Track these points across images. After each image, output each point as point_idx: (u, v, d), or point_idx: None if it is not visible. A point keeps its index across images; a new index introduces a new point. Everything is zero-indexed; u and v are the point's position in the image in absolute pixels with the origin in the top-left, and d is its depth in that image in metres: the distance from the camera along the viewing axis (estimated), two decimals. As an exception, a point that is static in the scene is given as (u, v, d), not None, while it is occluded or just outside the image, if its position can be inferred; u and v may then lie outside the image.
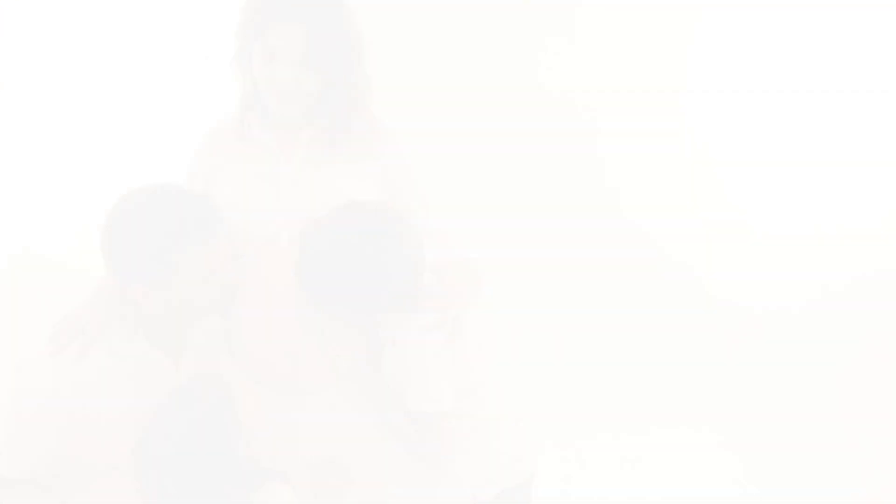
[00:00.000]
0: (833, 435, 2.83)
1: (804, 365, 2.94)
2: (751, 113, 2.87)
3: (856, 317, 2.92)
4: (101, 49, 2.81)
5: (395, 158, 1.51)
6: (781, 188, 2.90)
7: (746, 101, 2.85)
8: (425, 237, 1.46)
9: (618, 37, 2.83)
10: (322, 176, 1.44)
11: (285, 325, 1.37)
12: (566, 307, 2.99)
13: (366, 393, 1.40)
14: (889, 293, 2.92)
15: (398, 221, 1.31)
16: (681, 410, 2.90)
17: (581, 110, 2.88)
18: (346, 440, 1.47)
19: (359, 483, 1.52)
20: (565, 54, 2.84)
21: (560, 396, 2.91)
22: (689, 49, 2.83)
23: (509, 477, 1.48)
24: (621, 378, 2.96)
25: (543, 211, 2.97)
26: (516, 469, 1.49)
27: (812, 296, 2.93)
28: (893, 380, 2.90)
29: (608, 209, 2.96)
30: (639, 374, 2.96)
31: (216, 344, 1.49)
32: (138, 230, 1.24)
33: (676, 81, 2.85)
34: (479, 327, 1.46)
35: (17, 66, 2.79)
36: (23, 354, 1.37)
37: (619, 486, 2.67)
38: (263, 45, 1.35)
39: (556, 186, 2.95)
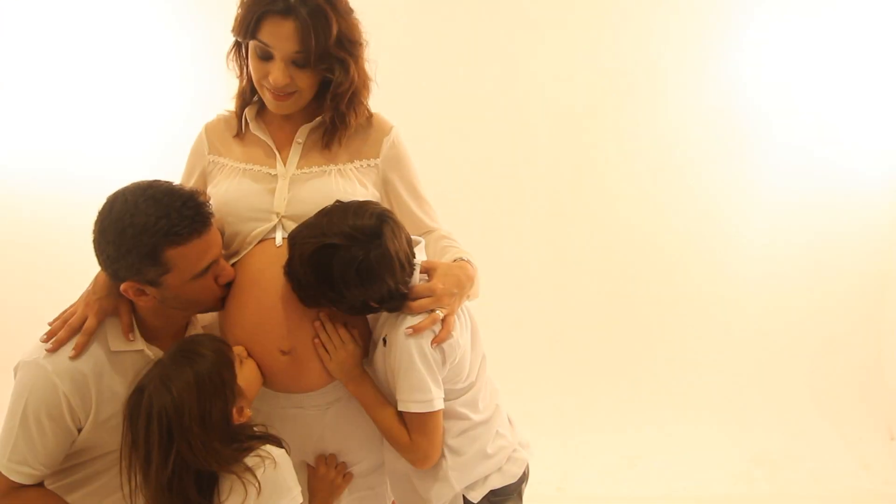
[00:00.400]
0: (833, 431, 2.83)
1: (803, 360, 2.94)
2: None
3: (853, 316, 2.93)
4: (99, 47, 2.80)
5: (391, 151, 1.50)
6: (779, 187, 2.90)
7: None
8: (418, 235, 1.46)
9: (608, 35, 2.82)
10: (318, 174, 1.43)
11: (281, 325, 1.36)
12: (562, 304, 2.99)
13: (358, 392, 1.40)
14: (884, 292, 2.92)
15: (386, 221, 1.30)
16: (680, 408, 2.90)
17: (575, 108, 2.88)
18: (339, 438, 1.47)
19: (352, 480, 1.52)
20: (558, 53, 2.84)
21: (557, 394, 2.91)
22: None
23: (501, 476, 1.47)
24: (620, 376, 2.96)
25: (540, 206, 2.97)
26: (508, 469, 1.49)
27: (810, 293, 2.93)
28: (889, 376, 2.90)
29: (605, 208, 2.96)
30: (638, 372, 2.96)
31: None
32: (129, 229, 1.24)
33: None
34: (472, 325, 1.45)
35: (17, 66, 2.79)
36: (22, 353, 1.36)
37: (617, 484, 2.66)
38: (258, 43, 1.34)
39: (552, 183, 2.95)
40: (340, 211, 1.31)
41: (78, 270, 1.45)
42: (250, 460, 1.24)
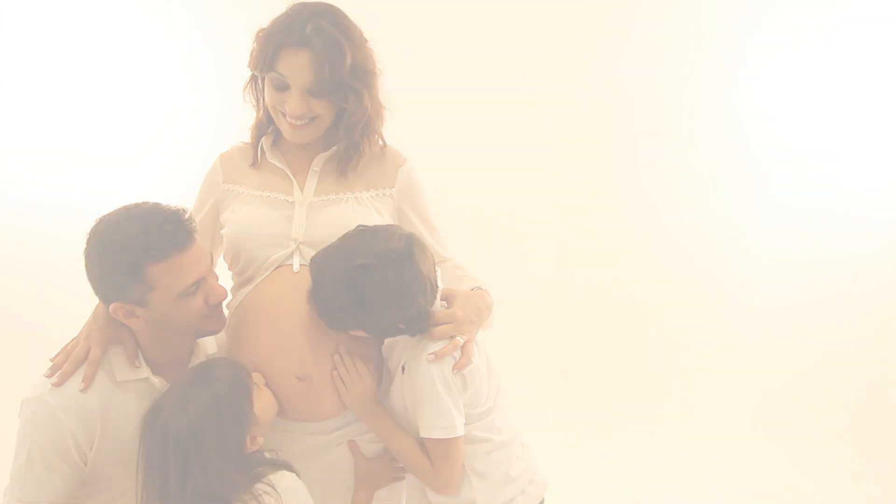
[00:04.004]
0: (842, 468, 2.80)
1: (811, 397, 2.92)
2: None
3: (863, 352, 2.92)
4: (100, 53, 2.80)
5: (405, 182, 1.51)
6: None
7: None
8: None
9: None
10: (335, 201, 1.44)
11: (298, 351, 1.36)
12: (567, 339, 2.97)
13: (374, 425, 1.40)
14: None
15: (415, 242, 1.31)
16: (686, 444, 2.87)
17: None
18: (350, 464, 1.45)
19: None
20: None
21: (562, 430, 2.87)
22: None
23: (525, 498, 1.46)
24: (626, 412, 2.93)
25: (545, 240, 2.98)
26: (531, 491, 1.48)
27: (819, 329, 2.93)
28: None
29: (611, 241, 2.97)
30: (643, 408, 2.94)
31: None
32: (110, 247, 1.24)
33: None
34: (488, 351, 1.45)
35: (17, 66, 2.78)
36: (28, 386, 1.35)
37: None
38: (275, 74, 1.36)
39: (557, 215, 2.96)
40: (368, 234, 1.32)
41: (79, 289, 1.42)
42: (261, 487, 1.23)
